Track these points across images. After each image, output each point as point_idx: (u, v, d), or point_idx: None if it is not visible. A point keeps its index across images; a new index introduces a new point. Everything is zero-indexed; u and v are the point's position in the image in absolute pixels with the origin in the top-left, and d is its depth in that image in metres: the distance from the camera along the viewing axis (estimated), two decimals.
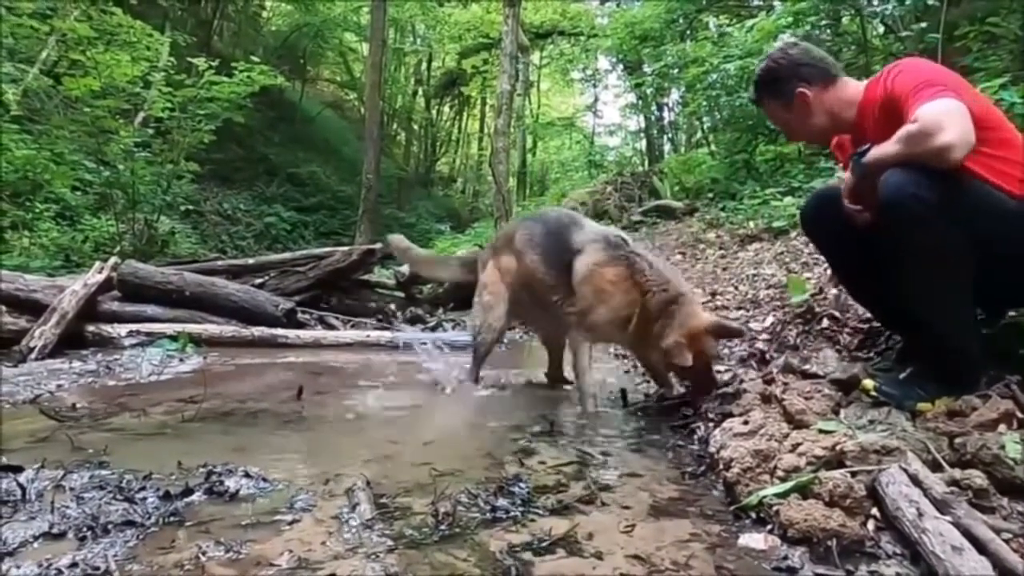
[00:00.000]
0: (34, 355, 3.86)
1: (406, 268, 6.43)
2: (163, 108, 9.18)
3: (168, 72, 9.45)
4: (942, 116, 1.72)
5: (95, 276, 4.65)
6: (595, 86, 22.26)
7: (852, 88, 2.14)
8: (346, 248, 6.07)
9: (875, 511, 1.48)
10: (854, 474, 1.56)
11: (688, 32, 11.80)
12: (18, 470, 1.84)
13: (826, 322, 2.88)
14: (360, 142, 17.31)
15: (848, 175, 2.06)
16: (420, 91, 25.33)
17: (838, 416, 1.96)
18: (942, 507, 1.38)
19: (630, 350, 2.81)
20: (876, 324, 2.59)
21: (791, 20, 7.28)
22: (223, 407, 2.84)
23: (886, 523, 1.44)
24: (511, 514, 1.63)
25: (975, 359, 1.95)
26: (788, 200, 5.98)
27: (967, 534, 1.30)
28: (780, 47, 2.29)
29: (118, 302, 4.85)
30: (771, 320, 3.29)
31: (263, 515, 1.63)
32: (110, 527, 1.53)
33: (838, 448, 1.65)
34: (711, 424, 2.25)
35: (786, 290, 3.50)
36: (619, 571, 1.36)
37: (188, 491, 1.74)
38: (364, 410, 2.82)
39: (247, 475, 1.86)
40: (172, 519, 1.60)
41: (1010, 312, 2.16)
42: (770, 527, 1.51)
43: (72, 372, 3.55)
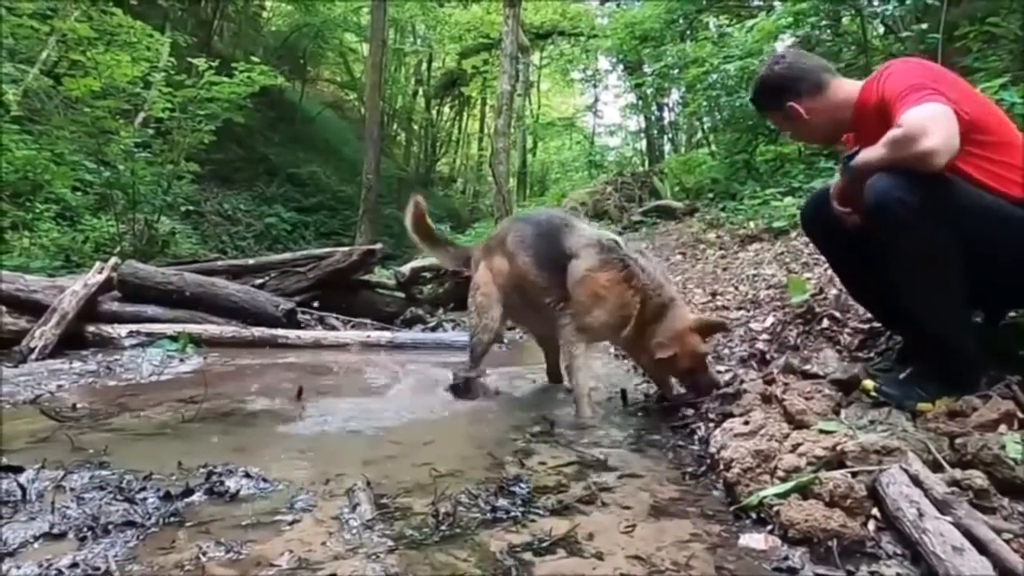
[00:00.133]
0: (34, 355, 3.86)
1: (406, 268, 6.44)
2: (163, 108, 9.17)
3: (168, 72, 9.44)
4: (926, 121, 1.73)
5: (95, 276, 4.65)
6: (595, 86, 22.28)
7: (846, 90, 2.14)
8: (346, 248, 6.06)
9: (876, 511, 1.48)
10: (855, 474, 1.56)
11: (688, 32, 11.80)
12: (18, 470, 1.84)
13: (826, 322, 2.88)
14: (360, 142, 17.29)
15: (838, 178, 2.08)
16: (420, 91, 25.34)
17: (839, 416, 1.96)
18: (943, 507, 1.38)
19: (626, 351, 2.82)
20: (876, 324, 2.59)
21: (791, 20, 7.28)
22: (223, 407, 2.84)
23: (887, 523, 1.45)
24: (511, 514, 1.64)
25: (973, 359, 1.95)
26: (788, 200, 5.98)
27: (968, 534, 1.30)
28: (768, 63, 2.32)
29: (118, 302, 4.85)
30: (771, 320, 3.29)
31: (263, 515, 1.63)
32: (110, 527, 1.53)
33: (839, 448, 1.65)
34: (711, 424, 2.25)
35: (786, 290, 3.50)
36: (619, 571, 1.36)
37: (188, 491, 1.74)
38: (363, 410, 2.82)
39: (247, 475, 1.86)
40: (172, 519, 1.60)
41: (1010, 313, 2.16)
42: (771, 527, 1.52)
43: (72, 372, 3.55)
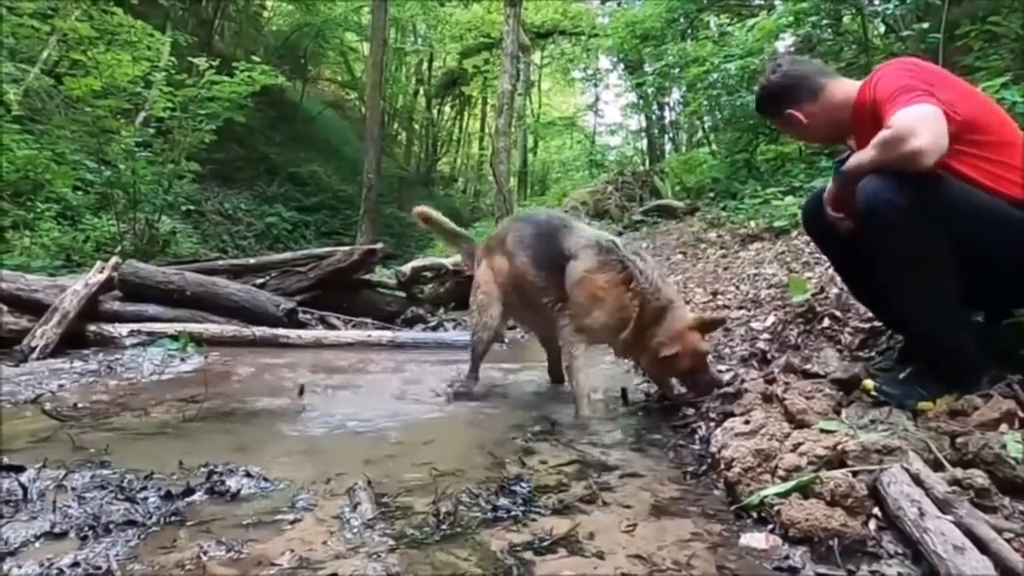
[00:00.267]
0: (35, 355, 3.86)
1: (407, 268, 6.44)
2: (164, 108, 9.18)
3: (169, 72, 9.44)
4: (915, 121, 1.74)
5: (96, 276, 4.65)
6: (596, 85, 22.21)
7: (844, 91, 2.14)
8: (347, 248, 6.05)
9: (877, 511, 1.48)
10: (855, 474, 1.56)
11: (689, 31, 11.77)
12: (20, 470, 1.84)
13: (827, 321, 2.88)
14: (361, 142, 17.29)
15: (830, 183, 2.09)
16: (421, 91, 25.32)
17: (839, 416, 1.96)
18: (944, 507, 1.38)
19: (624, 354, 2.81)
20: (877, 323, 2.59)
21: (792, 19, 7.26)
22: (224, 407, 2.84)
23: (888, 523, 1.45)
24: (512, 514, 1.64)
25: (972, 358, 1.95)
26: (789, 200, 5.96)
27: (969, 534, 1.30)
28: (766, 72, 2.36)
29: (119, 302, 4.85)
30: (772, 320, 3.29)
31: (264, 515, 1.63)
32: (111, 527, 1.53)
33: (839, 448, 1.65)
34: (712, 424, 2.25)
35: (787, 289, 3.50)
36: (620, 570, 1.36)
37: (189, 491, 1.75)
38: (365, 409, 2.82)
39: (248, 475, 1.87)
40: (173, 519, 1.60)
41: (1014, 312, 2.16)
42: (771, 527, 1.52)
43: (73, 372, 3.55)
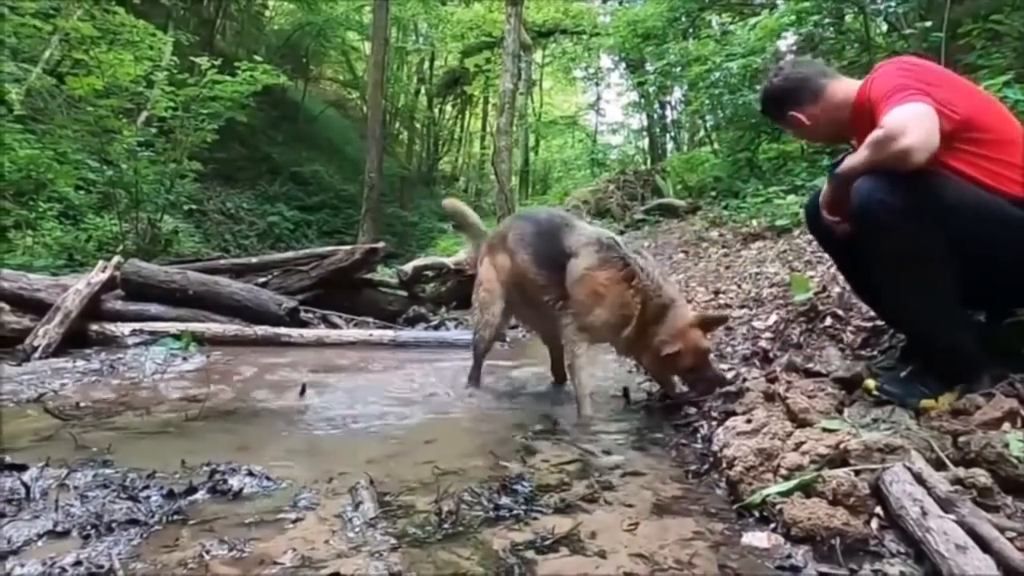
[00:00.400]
0: (38, 354, 3.87)
1: (409, 267, 6.44)
2: (166, 107, 9.19)
3: (171, 71, 9.46)
4: (905, 120, 1.75)
5: (99, 275, 4.66)
6: (597, 84, 22.19)
7: (844, 91, 2.15)
8: (349, 247, 6.05)
9: (879, 510, 1.48)
10: (858, 473, 1.56)
11: (691, 30, 11.75)
12: (22, 469, 1.84)
13: (829, 320, 2.88)
14: (363, 141, 17.28)
15: (825, 186, 2.09)
16: (422, 90, 25.29)
17: (841, 414, 1.96)
18: (946, 506, 1.38)
19: (626, 353, 2.80)
20: (880, 322, 2.59)
21: (794, 18, 7.25)
22: (226, 406, 2.85)
23: (890, 522, 1.44)
24: (514, 512, 1.64)
25: (971, 357, 1.96)
26: (791, 198, 5.96)
27: (971, 533, 1.29)
28: (769, 76, 2.40)
29: (121, 301, 4.86)
30: (774, 318, 3.29)
31: (266, 514, 1.63)
32: (114, 525, 1.54)
33: (842, 447, 1.65)
34: (714, 422, 2.25)
35: (789, 288, 3.49)
36: (622, 569, 1.36)
37: (192, 490, 1.75)
38: (367, 408, 2.82)
39: (250, 474, 1.87)
40: (176, 518, 1.60)
41: (1015, 311, 2.15)
42: (773, 526, 1.51)
43: (76, 371, 3.56)
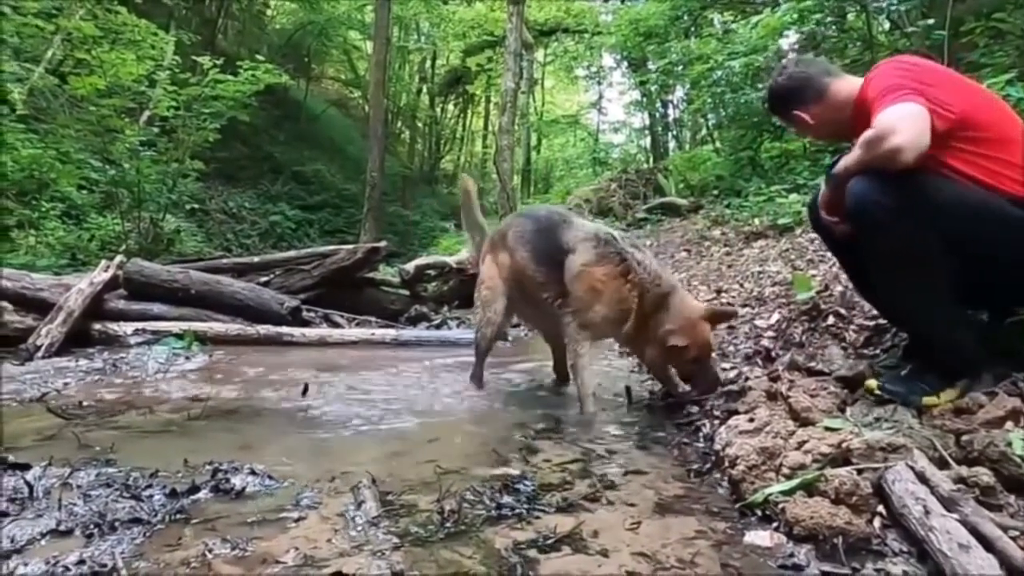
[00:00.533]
0: (41, 353, 3.88)
1: (411, 266, 6.44)
2: (168, 107, 9.19)
3: (173, 71, 9.46)
4: (895, 120, 1.76)
5: (101, 275, 4.67)
6: (599, 83, 22.11)
7: (847, 90, 2.15)
8: (351, 246, 6.05)
9: (881, 509, 1.48)
10: (860, 472, 1.56)
11: (693, 29, 11.72)
12: (25, 468, 1.85)
13: (832, 319, 2.87)
14: (365, 140, 17.29)
15: (823, 187, 2.10)
16: (424, 89, 25.27)
17: (844, 413, 1.96)
18: (949, 505, 1.37)
19: (628, 347, 2.81)
20: (882, 321, 2.58)
21: (796, 17, 7.22)
22: (229, 405, 2.85)
23: (892, 521, 1.44)
24: (516, 512, 1.64)
25: (970, 353, 1.96)
26: (793, 197, 5.95)
27: (974, 532, 1.29)
28: (773, 75, 2.40)
29: (124, 300, 4.87)
30: (777, 317, 3.28)
31: (269, 513, 1.64)
32: (117, 524, 1.54)
33: (844, 446, 1.65)
34: (716, 421, 2.25)
35: (792, 287, 3.49)
36: (625, 568, 1.36)
37: (194, 489, 1.75)
38: (369, 407, 2.82)
39: (253, 473, 1.87)
40: (178, 517, 1.61)
41: (1018, 310, 2.15)
42: (776, 525, 1.51)
43: (79, 370, 3.56)
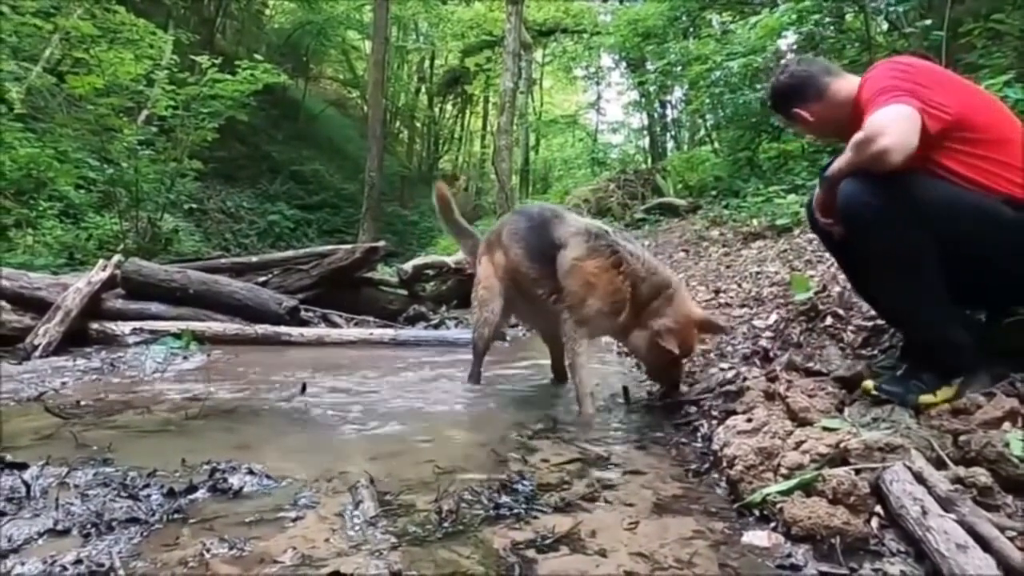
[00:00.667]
0: (38, 352, 3.87)
1: (409, 266, 6.44)
2: (166, 106, 9.19)
3: (171, 70, 9.46)
4: (884, 122, 1.78)
5: (99, 274, 4.67)
6: (598, 83, 22.13)
7: (846, 89, 2.16)
8: (349, 246, 6.06)
9: (879, 509, 1.48)
10: (858, 472, 1.56)
11: (691, 29, 11.74)
12: (23, 467, 1.84)
13: (830, 320, 2.87)
14: (363, 140, 17.31)
15: (817, 190, 2.11)
16: (423, 89, 25.28)
17: (842, 414, 1.96)
18: (946, 505, 1.38)
19: (620, 338, 2.81)
20: (880, 321, 2.58)
21: (795, 17, 7.23)
22: (227, 404, 2.85)
23: (890, 521, 1.44)
24: (514, 511, 1.64)
25: (965, 352, 1.96)
26: (791, 198, 5.96)
27: (971, 532, 1.29)
28: (776, 73, 2.42)
29: (122, 300, 4.87)
30: (775, 318, 3.29)
31: (267, 512, 1.63)
32: (114, 524, 1.54)
33: (842, 446, 1.65)
34: (714, 421, 2.25)
35: (790, 288, 3.49)
36: (623, 568, 1.36)
37: (192, 488, 1.75)
38: (367, 407, 2.82)
39: (251, 472, 1.87)
40: (176, 516, 1.60)
41: (1016, 310, 2.15)
42: (774, 525, 1.51)
43: (76, 369, 3.56)
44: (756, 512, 1.59)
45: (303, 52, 20.84)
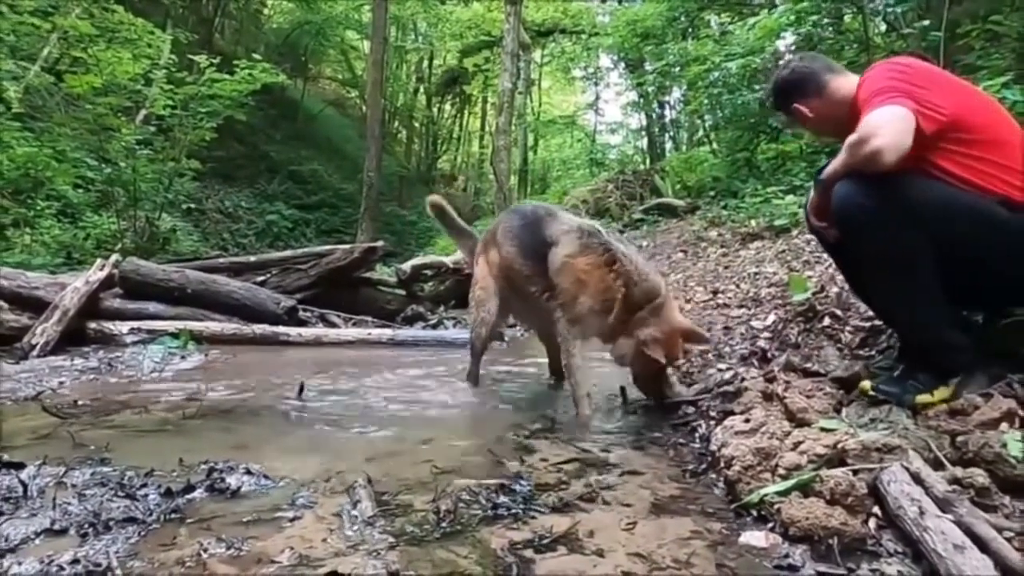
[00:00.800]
0: (36, 352, 3.86)
1: (407, 266, 6.44)
2: (164, 106, 9.17)
3: (169, 70, 9.44)
4: (878, 123, 1.78)
5: (97, 274, 4.65)
6: (596, 84, 22.20)
7: (846, 87, 2.17)
8: (347, 246, 6.05)
9: (876, 509, 1.48)
10: (855, 472, 1.56)
11: (690, 30, 11.76)
12: (20, 467, 1.84)
13: (828, 320, 2.88)
14: (362, 140, 17.29)
15: (812, 193, 2.12)
16: (421, 89, 25.28)
17: (839, 414, 1.96)
18: (944, 505, 1.38)
19: (608, 342, 2.78)
20: (878, 322, 2.59)
21: (793, 18, 7.24)
22: (224, 404, 2.84)
23: (887, 521, 1.45)
24: (512, 511, 1.64)
25: (963, 352, 1.97)
26: (790, 199, 5.96)
27: (969, 532, 1.30)
28: (777, 71, 2.44)
29: (120, 299, 4.86)
30: (773, 318, 3.29)
31: (264, 512, 1.63)
32: (111, 524, 1.53)
33: (839, 446, 1.65)
34: (712, 422, 2.25)
35: (788, 288, 3.50)
36: (620, 569, 1.36)
37: (189, 488, 1.74)
38: (365, 407, 2.82)
39: (248, 472, 1.87)
40: (173, 516, 1.60)
41: (1013, 311, 2.16)
42: (771, 525, 1.52)
43: (74, 369, 3.55)
44: (754, 512, 1.59)
45: (302, 52, 20.81)
